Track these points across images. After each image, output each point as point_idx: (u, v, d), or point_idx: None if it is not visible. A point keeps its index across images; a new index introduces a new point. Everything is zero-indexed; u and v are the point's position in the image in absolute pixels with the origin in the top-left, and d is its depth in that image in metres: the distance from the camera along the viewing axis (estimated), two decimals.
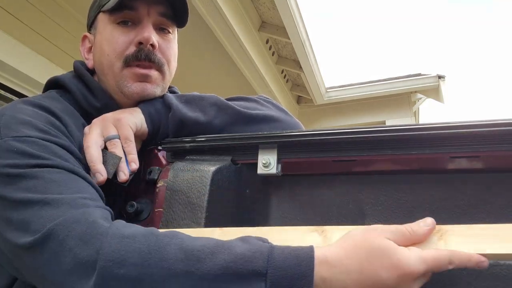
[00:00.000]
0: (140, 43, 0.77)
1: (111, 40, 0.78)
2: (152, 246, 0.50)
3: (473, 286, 0.57)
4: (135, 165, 0.70)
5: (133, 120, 0.74)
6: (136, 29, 0.79)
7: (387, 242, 0.49)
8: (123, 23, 0.79)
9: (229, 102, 0.83)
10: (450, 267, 0.48)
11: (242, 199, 0.74)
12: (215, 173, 0.69)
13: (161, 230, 0.53)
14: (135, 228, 0.53)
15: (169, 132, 0.79)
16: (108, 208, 0.60)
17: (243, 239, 0.52)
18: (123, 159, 0.69)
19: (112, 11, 0.78)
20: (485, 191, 0.63)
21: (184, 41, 0.97)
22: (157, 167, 0.76)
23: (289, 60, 3.41)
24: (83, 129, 0.74)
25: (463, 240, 0.50)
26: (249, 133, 0.73)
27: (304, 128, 0.92)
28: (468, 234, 0.50)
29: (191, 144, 0.75)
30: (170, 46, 0.84)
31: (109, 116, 0.74)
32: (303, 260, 0.48)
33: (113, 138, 0.70)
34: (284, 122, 0.87)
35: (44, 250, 0.51)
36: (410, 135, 0.60)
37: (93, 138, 0.69)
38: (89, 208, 0.55)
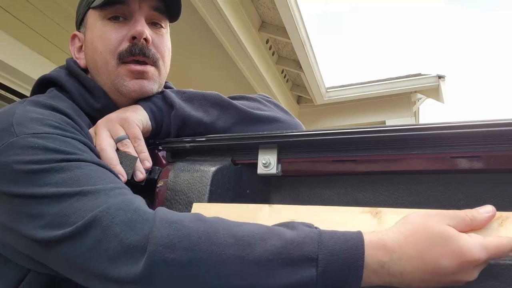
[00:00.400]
0: (134, 37, 0.75)
1: (103, 37, 0.76)
2: (201, 231, 0.49)
3: (473, 286, 0.57)
4: (148, 163, 0.70)
5: (139, 117, 0.74)
6: (128, 24, 0.77)
7: (449, 229, 0.48)
8: (114, 18, 0.77)
9: (233, 101, 0.82)
10: (511, 254, 0.48)
11: (242, 199, 0.74)
12: (215, 173, 0.69)
13: (210, 217, 0.53)
14: (181, 214, 0.53)
15: (171, 131, 0.78)
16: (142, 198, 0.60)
17: (289, 225, 0.51)
18: (138, 158, 0.69)
19: (102, 6, 0.76)
20: (485, 191, 0.63)
21: (184, 41, 0.97)
22: (157, 167, 0.76)
23: (289, 60, 3.41)
24: (89, 128, 0.73)
25: None
26: (249, 133, 0.73)
27: (304, 128, 0.92)
28: None
29: (191, 144, 0.75)
30: (164, 41, 0.82)
31: (113, 116, 0.73)
32: (353, 244, 0.47)
33: (123, 139, 0.70)
34: (286, 123, 0.87)
35: (86, 238, 0.50)
36: (410, 135, 0.60)
37: (105, 140, 0.68)
38: (128, 196, 0.55)
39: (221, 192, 0.69)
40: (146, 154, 0.71)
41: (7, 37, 2.10)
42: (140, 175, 0.68)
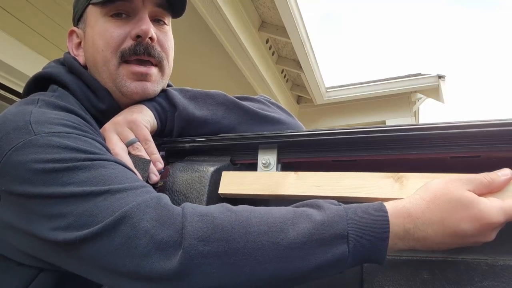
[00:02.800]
0: (138, 36, 0.72)
1: (105, 34, 0.73)
2: (233, 221, 0.50)
3: (473, 286, 0.57)
4: (160, 165, 0.70)
5: (146, 118, 0.72)
6: (131, 21, 0.73)
7: (468, 193, 0.51)
8: (117, 15, 0.74)
9: (238, 101, 0.81)
10: None
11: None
12: (214, 173, 0.69)
13: (237, 207, 0.54)
14: (209, 207, 0.53)
15: (174, 131, 0.77)
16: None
17: (315, 205, 0.53)
18: (151, 161, 0.68)
19: (104, 3, 0.72)
20: None
21: (184, 41, 0.96)
22: None
23: (289, 60, 3.41)
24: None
25: None
26: (248, 133, 0.73)
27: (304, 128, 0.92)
28: None
29: (191, 144, 0.75)
30: (168, 38, 0.79)
31: (120, 119, 0.71)
32: (378, 217, 0.50)
33: (134, 142, 0.69)
34: (289, 125, 0.86)
35: (115, 235, 0.49)
36: (410, 135, 0.60)
37: (118, 144, 0.67)
38: (154, 194, 0.54)
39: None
40: (157, 155, 0.70)
41: (7, 37, 2.10)
42: (155, 177, 0.68)
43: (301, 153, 0.68)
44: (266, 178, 0.66)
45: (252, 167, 0.72)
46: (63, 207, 0.52)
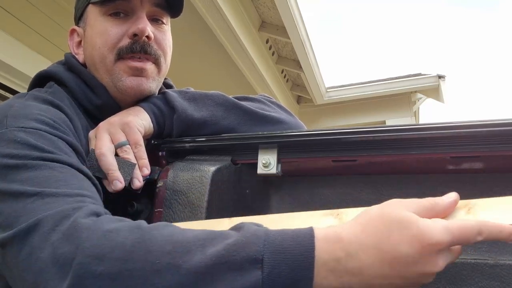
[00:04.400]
0: (135, 35, 0.74)
1: (103, 33, 0.74)
2: (137, 239, 0.44)
3: (473, 286, 0.57)
4: (147, 171, 0.69)
5: (141, 122, 0.72)
6: (129, 20, 0.75)
7: (407, 213, 0.44)
8: (115, 14, 0.75)
9: (237, 101, 0.81)
10: (479, 238, 0.43)
11: (242, 199, 0.74)
12: (215, 173, 0.69)
13: (153, 224, 0.49)
14: (123, 223, 0.48)
15: (173, 133, 0.77)
16: (106, 210, 0.54)
17: (237, 226, 0.47)
18: (137, 165, 0.68)
19: (103, 2, 0.74)
20: (485, 191, 0.63)
21: (184, 41, 0.96)
22: (157, 167, 0.76)
23: (289, 60, 3.41)
24: (86, 130, 0.72)
25: (493, 214, 0.45)
26: (249, 133, 0.73)
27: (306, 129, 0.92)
28: (500, 208, 0.46)
29: (191, 144, 0.75)
30: (166, 37, 0.80)
31: (115, 120, 0.71)
32: (302, 240, 0.42)
33: (123, 145, 0.68)
34: (290, 124, 0.86)
35: (24, 244, 0.46)
36: (410, 135, 0.60)
37: (106, 145, 0.67)
38: (83, 204, 0.51)
39: (220, 192, 0.69)
40: (145, 161, 0.70)
41: (7, 36, 2.10)
42: (137, 182, 0.67)
43: (301, 153, 0.68)
44: (199, 226, 0.61)
45: (253, 167, 0.72)
46: (0, 204, 0.51)
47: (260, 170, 0.69)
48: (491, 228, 0.43)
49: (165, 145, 0.78)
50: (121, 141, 0.69)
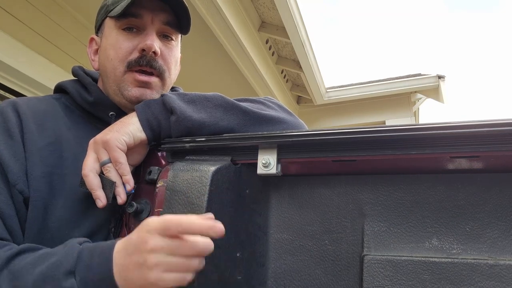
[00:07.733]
0: (143, 50, 0.82)
1: (116, 45, 0.83)
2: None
3: (473, 286, 0.57)
4: (129, 186, 0.72)
5: (121, 138, 0.73)
6: (140, 36, 0.83)
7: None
8: (128, 29, 0.84)
9: (236, 102, 0.82)
10: (180, 229, 0.54)
11: (242, 199, 0.74)
12: (215, 173, 0.69)
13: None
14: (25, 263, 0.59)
15: (172, 135, 0.78)
16: (12, 247, 0.63)
17: (66, 244, 0.61)
18: (119, 183, 0.71)
19: (118, 17, 0.82)
20: (485, 191, 0.63)
21: (184, 41, 0.97)
22: (157, 167, 0.76)
23: (289, 60, 3.41)
24: (73, 127, 0.80)
25: None
26: (248, 133, 0.73)
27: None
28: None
29: (191, 144, 0.75)
30: (172, 53, 0.88)
31: (98, 138, 0.74)
32: (103, 251, 0.58)
33: (106, 163, 0.72)
34: (290, 123, 0.87)
35: None
36: (410, 135, 0.60)
37: (89, 165, 0.72)
38: (8, 251, 0.61)
39: (220, 192, 0.69)
40: (127, 177, 0.72)
41: (7, 37, 2.10)
42: (119, 199, 0.71)
43: (301, 153, 0.68)
44: None
45: (253, 167, 0.72)
46: None
47: (260, 170, 0.69)
48: (190, 222, 0.54)
49: (165, 145, 0.78)
50: (103, 160, 0.72)
